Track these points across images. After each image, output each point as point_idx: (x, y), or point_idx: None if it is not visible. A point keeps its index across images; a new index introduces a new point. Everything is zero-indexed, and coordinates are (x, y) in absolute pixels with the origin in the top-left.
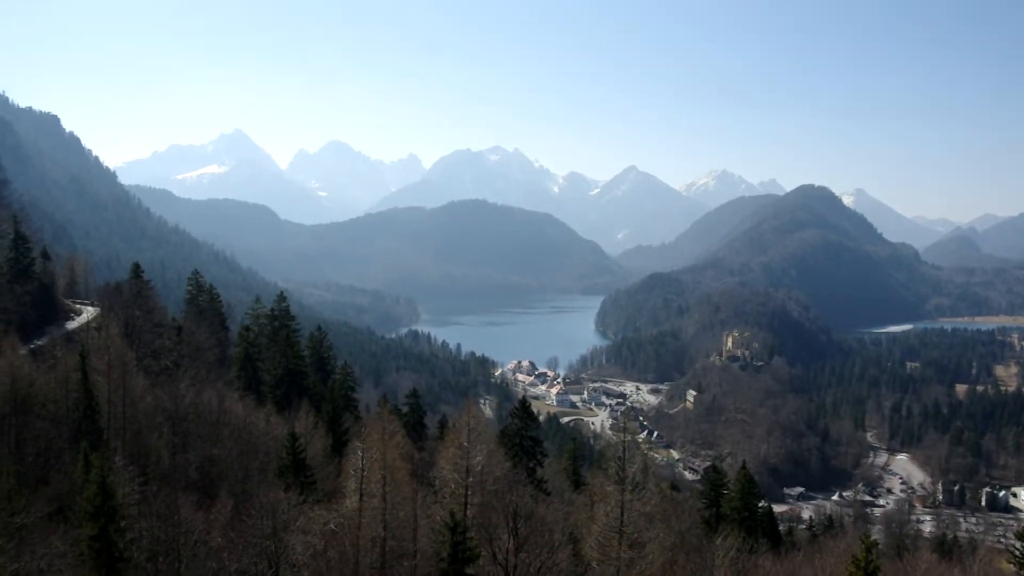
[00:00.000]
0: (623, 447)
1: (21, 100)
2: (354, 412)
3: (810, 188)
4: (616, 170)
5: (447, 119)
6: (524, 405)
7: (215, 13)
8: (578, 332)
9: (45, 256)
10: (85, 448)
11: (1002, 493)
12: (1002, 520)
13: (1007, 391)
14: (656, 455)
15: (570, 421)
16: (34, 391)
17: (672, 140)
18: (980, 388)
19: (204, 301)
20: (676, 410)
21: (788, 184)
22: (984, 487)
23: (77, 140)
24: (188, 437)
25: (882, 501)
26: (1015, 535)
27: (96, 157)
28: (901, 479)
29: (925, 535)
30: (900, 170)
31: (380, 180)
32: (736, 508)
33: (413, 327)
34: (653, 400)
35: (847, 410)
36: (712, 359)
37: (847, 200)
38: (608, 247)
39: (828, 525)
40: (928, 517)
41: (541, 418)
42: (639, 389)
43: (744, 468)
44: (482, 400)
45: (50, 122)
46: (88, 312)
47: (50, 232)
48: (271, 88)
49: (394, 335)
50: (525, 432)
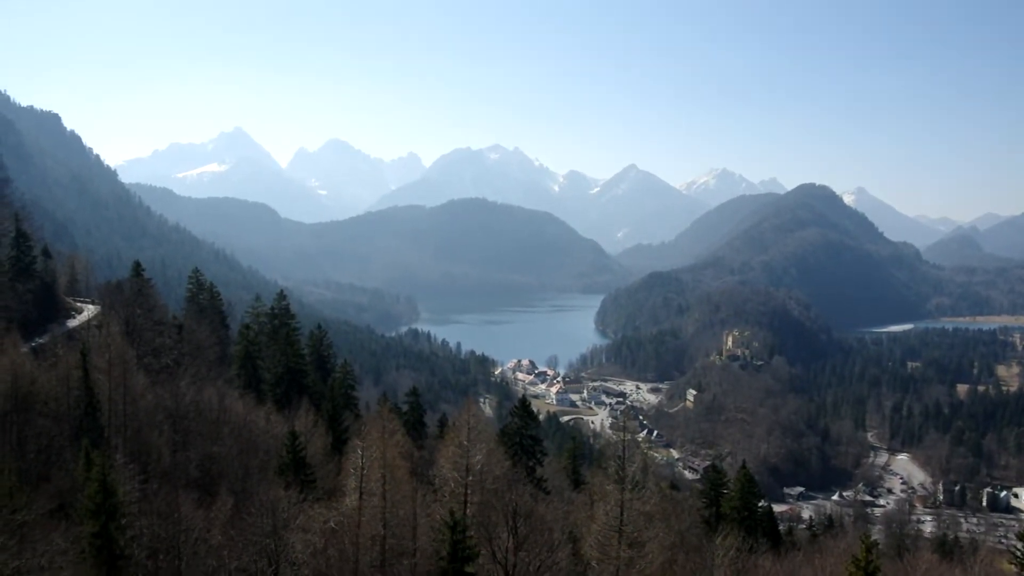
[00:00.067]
0: (623, 446)
1: (22, 99)
2: (354, 410)
3: (811, 187)
4: (616, 169)
5: (447, 118)
6: (524, 404)
7: (215, 12)
8: (578, 331)
9: (46, 254)
10: (86, 446)
11: (1003, 493)
12: (1003, 520)
13: (1009, 391)
14: (656, 454)
15: (570, 420)
16: (35, 389)
17: (672, 139)
18: (981, 388)
19: (204, 299)
20: (676, 409)
21: (789, 183)
22: (985, 487)
23: (78, 139)
24: (188, 435)
25: (882, 501)
26: (1016, 536)
27: (97, 155)
28: (902, 479)
29: (926, 535)
30: (901, 169)
31: (380, 178)
32: (736, 508)
33: (413, 326)
34: (653, 399)
35: (847, 410)
36: (712, 358)
37: (848, 199)
38: (608, 246)
39: (828, 525)
40: (929, 517)
41: (541, 417)
42: (639, 388)
43: (744, 467)
44: (482, 399)
45: (51, 121)
46: (89, 310)
47: (51, 230)
48: (271, 87)
49: (394, 334)
50: (525, 431)
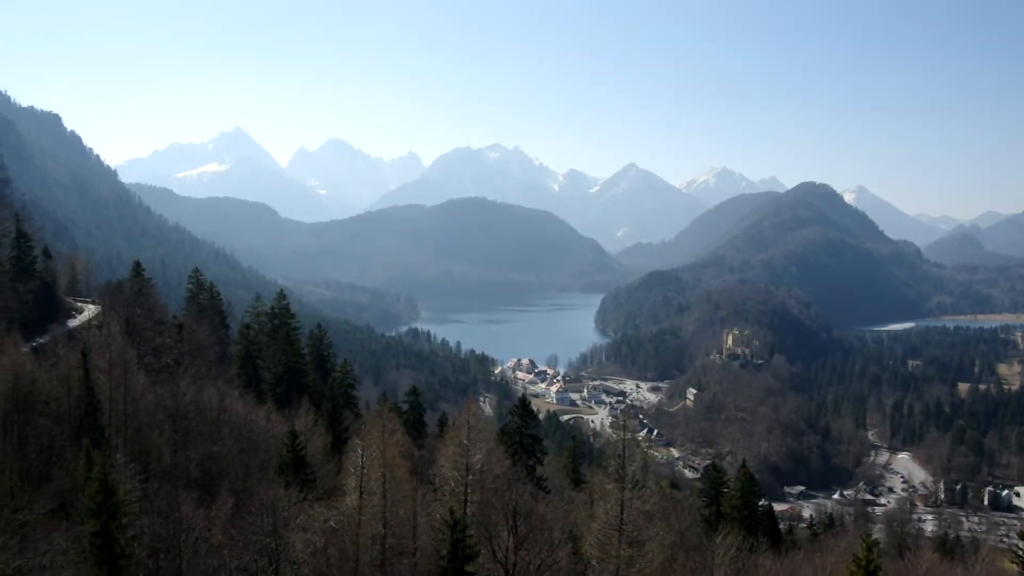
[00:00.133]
0: (623, 445)
1: (23, 99)
2: (354, 410)
3: (811, 185)
4: (616, 168)
5: (447, 117)
6: (524, 403)
7: (215, 12)
8: (578, 330)
9: (47, 254)
10: (87, 445)
11: (1005, 492)
12: (1005, 519)
13: (1010, 390)
14: (656, 453)
15: (570, 419)
16: (36, 389)
17: (672, 138)
18: (983, 387)
19: (204, 299)
20: (676, 408)
21: (789, 181)
22: (986, 486)
23: (78, 139)
24: (189, 435)
25: (883, 500)
26: (1018, 535)
27: (97, 156)
28: (902, 478)
29: (927, 534)
30: (902, 167)
31: (380, 178)
32: (736, 507)
33: (413, 325)
34: (653, 398)
35: (848, 408)
36: (712, 357)
37: (848, 197)
38: (608, 245)
39: (829, 524)
40: (930, 516)
41: (541, 416)
42: (639, 387)
43: (744, 466)
44: (482, 398)
45: (51, 121)
46: (89, 310)
47: (51, 231)
48: (271, 86)
49: (394, 333)
50: (525, 430)
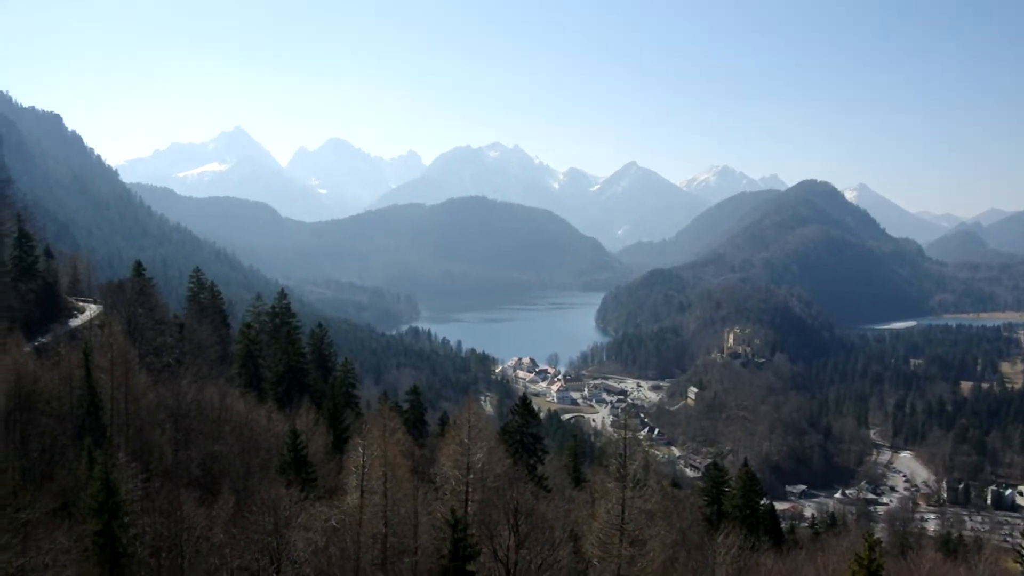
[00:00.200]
0: (624, 444)
1: (24, 99)
2: (355, 409)
3: (812, 183)
4: (616, 166)
5: (447, 116)
6: (525, 402)
7: (214, 12)
8: (579, 329)
9: (48, 254)
10: (89, 445)
11: (1008, 492)
12: (1008, 519)
13: (1013, 388)
14: (657, 452)
15: (571, 418)
16: (38, 388)
17: (672, 136)
18: (985, 385)
19: (205, 299)
20: (677, 407)
21: (790, 179)
22: (990, 485)
23: (79, 139)
24: (190, 434)
25: (885, 499)
26: (1021, 534)
27: (98, 156)
28: (905, 477)
29: (929, 534)
30: (904, 165)
31: (380, 177)
32: (738, 506)
33: (413, 324)
34: (654, 397)
35: (850, 407)
36: (713, 356)
37: (850, 195)
38: (608, 243)
39: (831, 523)
40: (932, 515)
41: (542, 415)
42: (640, 386)
43: (746, 465)
44: (483, 397)
45: (52, 121)
46: (91, 310)
47: (53, 231)
48: (271, 86)
49: (394, 332)
50: (526, 429)
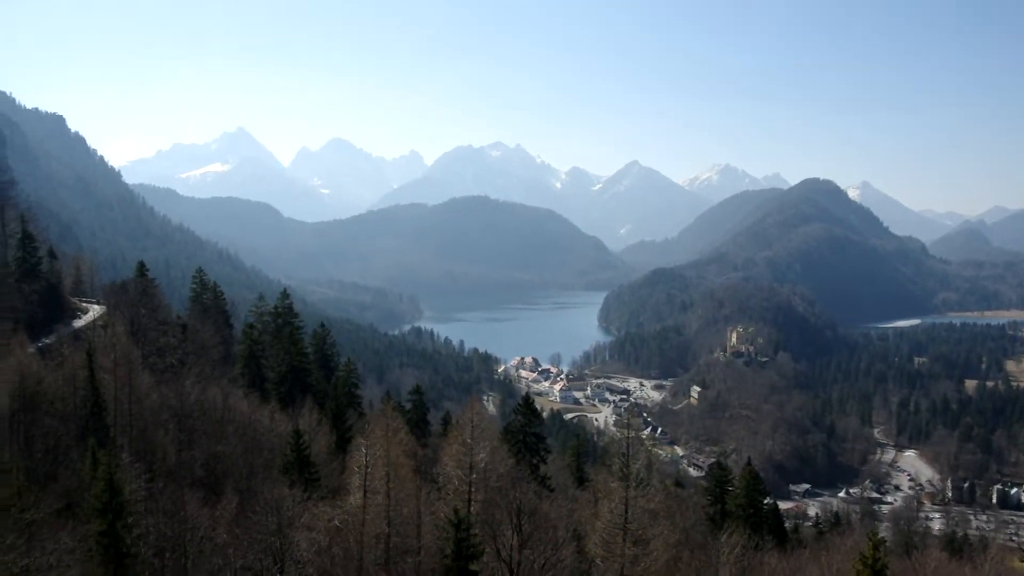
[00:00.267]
0: (627, 443)
1: (27, 101)
2: (357, 409)
3: (815, 182)
4: (618, 165)
5: (448, 115)
6: (527, 401)
7: (215, 13)
8: (581, 328)
9: (52, 255)
10: (92, 445)
11: (1014, 490)
12: (1014, 518)
13: (1019, 386)
14: (660, 451)
15: (574, 417)
16: (42, 389)
17: (675, 135)
18: (990, 384)
19: (208, 299)
20: (680, 406)
21: (792, 178)
22: (995, 484)
23: (82, 140)
24: (193, 434)
25: (890, 498)
26: None
27: (101, 157)
28: (909, 476)
29: (934, 533)
30: (907, 163)
31: (382, 177)
32: (741, 505)
33: (416, 324)
34: (657, 396)
35: (854, 406)
36: (716, 355)
37: (852, 193)
38: (611, 243)
39: (835, 522)
40: (937, 515)
41: (544, 415)
42: (643, 385)
43: (749, 465)
44: (485, 397)
45: (56, 122)
46: (94, 311)
47: (56, 232)
48: (273, 86)
49: (397, 332)
50: (529, 429)
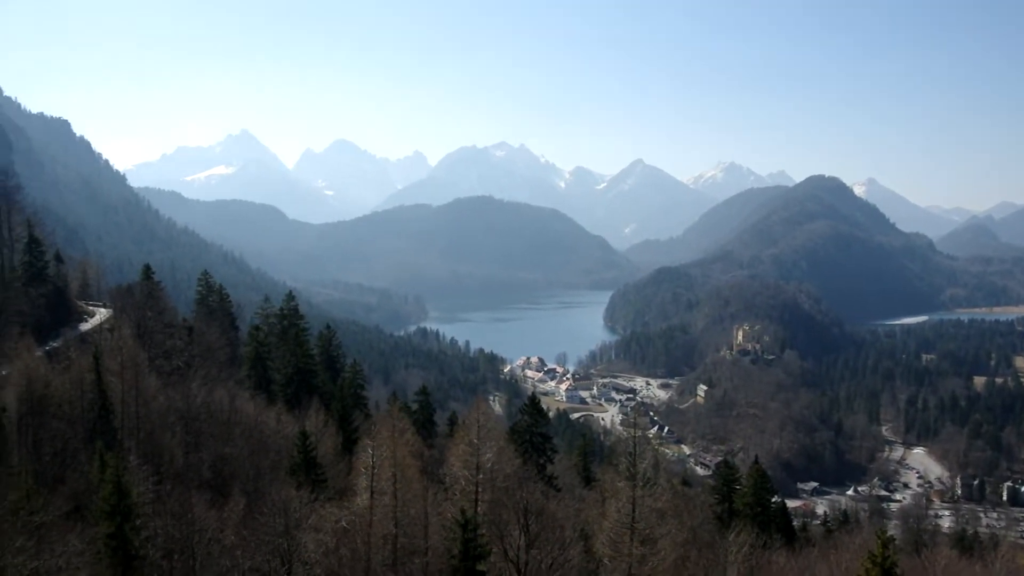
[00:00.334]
0: (634, 443)
1: (32, 106)
2: (364, 410)
3: (820, 178)
4: (623, 164)
5: (452, 116)
6: (534, 401)
7: (216, 14)
8: (586, 327)
9: (58, 259)
10: (100, 448)
11: None
12: None
13: None
14: (667, 450)
15: (580, 417)
16: (50, 392)
17: (679, 133)
18: (999, 380)
19: (214, 301)
20: (687, 405)
21: (797, 175)
22: (1005, 481)
23: (87, 144)
24: (200, 436)
25: (898, 496)
26: None
27: (106, 160)
28: (918, 473)
29: (944, 531)
30: (913, 158)
31: (386, 178)
32: (749, 504)
33: (421, 325)
34: (663, 395)
35: (861, 403)
36: (722, 353)
37: (858, 190)
38: (615, 242)
39: (843, 520)
40: (947, 512)
41: (551, 414)
42: (649, 384)
43: (756, 463)
44: (491, 397)
45: (61, 127)
46: (101, 314)
47: (62, 235)
48: (276, 88)
49: (402, 333)
50: (535, 428)
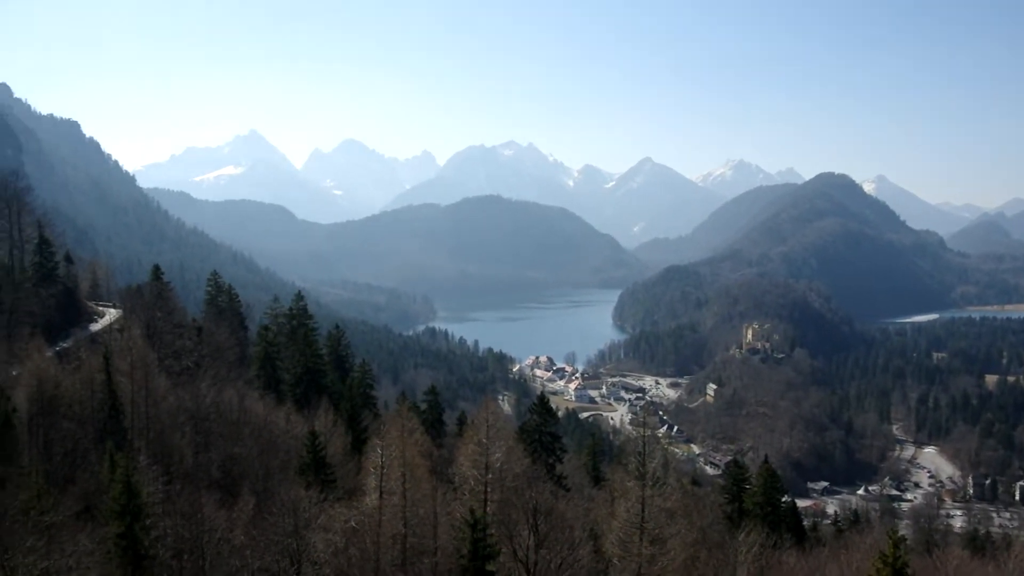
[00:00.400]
0: (643, 442)
1: (42, 107)
2: (373, 410)
3: (829, 176)
4: (631, 162)
5: (460, 115)
6: (543, 401)
7: (225, 15)
8: (595, 326)
9: (68, 260)
10: (110, 448)
11: None
12: None
13: None
14: (676, 450)
15: (589, 416)
16: (60, 392)
17: (687, 131)
18: (1011, 378)
19: (223, 301)
20: (696, 404)
21: (807, 172)
22: (1018, 481)
23: (97, 145)
24: (210, 436)
25: (909, 495)
26: None
27: (115, 161)
28: (929, 473)
29: (955, 531)
30: (923, 155)
31: (394, 178)
32: (759, 503)
33: (430, 324)
34: (673, 394)
35: (872, 402)
36: (732, 352)
37: (868, 187)
38: (624, 240)
39: (854, 520)
40: (958, 512)
41: (560, 414)
42: (658, 383)
43: (766, 462)
44: (500, 396)
45: (70, 128)
46: (111, 314)
47: (72, 236)
48: (284, 88)
49: (411, 332)
50: (544, 428)
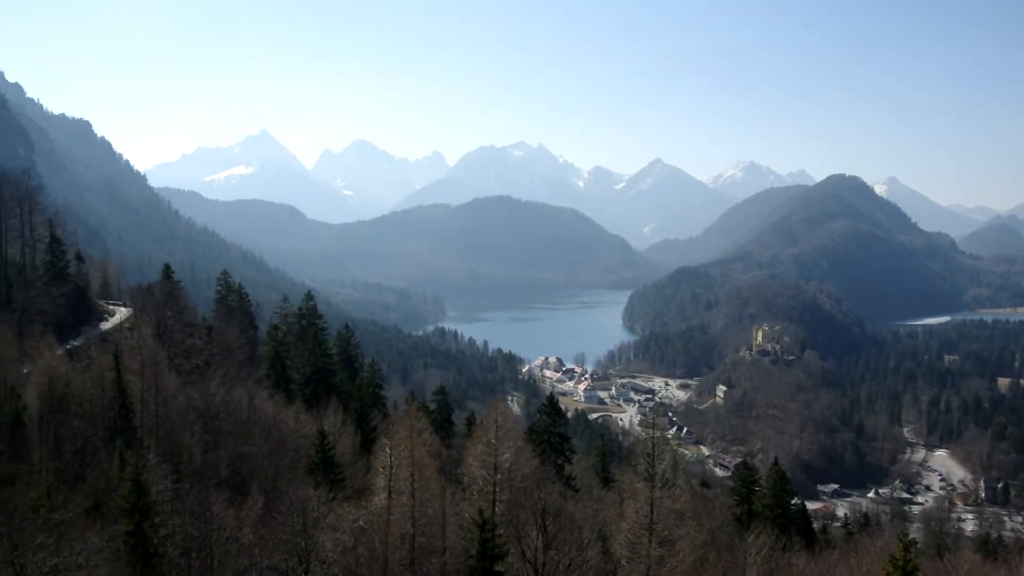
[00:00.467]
0: (652, 443)
1: (54, 107)
2: (382, 410)
3: (840, 178)
4: (641, 163)
5: (470, 116)
6: (552, 401)
7: (237, 15)
8: (605, 327)
9: (79, 259)
10: (120, 446)
11: None
12: None
13: None
14: (686, 451)
15: (598, 417)
16: (71, 390)
17: (698, 132)
18: None
19: (233, 301)
20: (706, 406)
21: (817, 174)
22: None
23: (108, 145)
24: (219, 435)
25: (920, 499)
26: None
27: (127, 161)
28: (940, 476)
29: (967, 534)
30: (935, 157)
31: (405, 178)
32: (768, 505)
33: (440, 324)
34: (682, 395)
35: (882, 405)
36: (742, 353)
37: (879, 189)
38: (634, 241)
39: (864, 523)
40: (970, 515)
41: (569, 414)
42: (668, 384)
43: (776, 464)
44: (510, 397)
45: (82, 128)
46: (121, 313)
47: (83, 235)
48: (295, 88)
49: (421, 332)
50: (553, 429)
